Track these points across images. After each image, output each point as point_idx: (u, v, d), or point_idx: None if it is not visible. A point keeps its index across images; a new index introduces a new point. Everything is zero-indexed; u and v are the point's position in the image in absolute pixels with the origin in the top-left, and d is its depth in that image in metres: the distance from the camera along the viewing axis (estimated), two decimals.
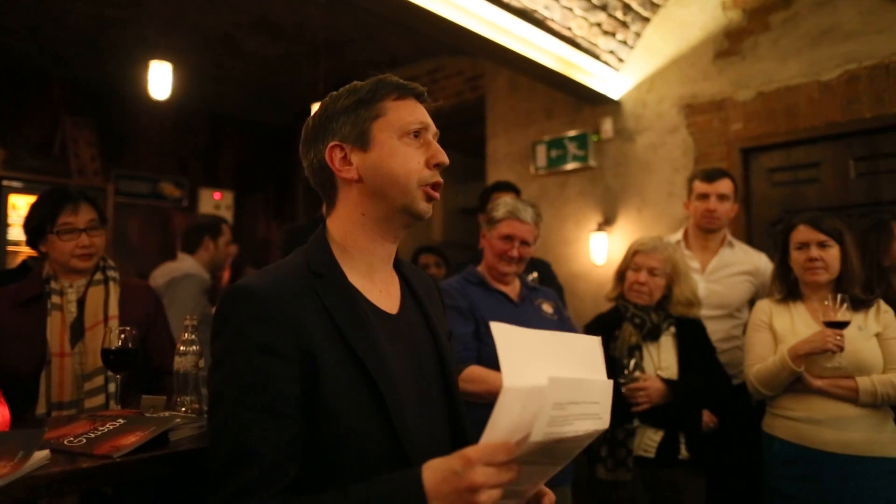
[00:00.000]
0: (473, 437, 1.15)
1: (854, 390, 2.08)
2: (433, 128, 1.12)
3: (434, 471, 0.83)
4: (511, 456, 0.80)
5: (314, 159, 1.11)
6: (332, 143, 1.08)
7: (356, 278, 1.08)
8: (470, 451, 0.80)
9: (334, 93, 1.13)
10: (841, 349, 2.05)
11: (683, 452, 2.27)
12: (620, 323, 2.40)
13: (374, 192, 1.07)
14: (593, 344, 0.98)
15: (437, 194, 1.10)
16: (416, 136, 1.08)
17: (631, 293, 2.42)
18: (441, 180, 1.11)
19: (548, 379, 0.78)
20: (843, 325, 2.05)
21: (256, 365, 0.93)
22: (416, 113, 1.10)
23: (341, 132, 1.08)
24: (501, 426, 0.79)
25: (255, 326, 0.94)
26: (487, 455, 0.79)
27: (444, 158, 1.09)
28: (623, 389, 2.22)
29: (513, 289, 2.29)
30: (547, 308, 2.32)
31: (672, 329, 2.40)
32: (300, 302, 0.98)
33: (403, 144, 1.07)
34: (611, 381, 0.93)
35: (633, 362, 2.26)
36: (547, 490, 1.07)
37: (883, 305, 2.22)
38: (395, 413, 0.98)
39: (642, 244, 2.45)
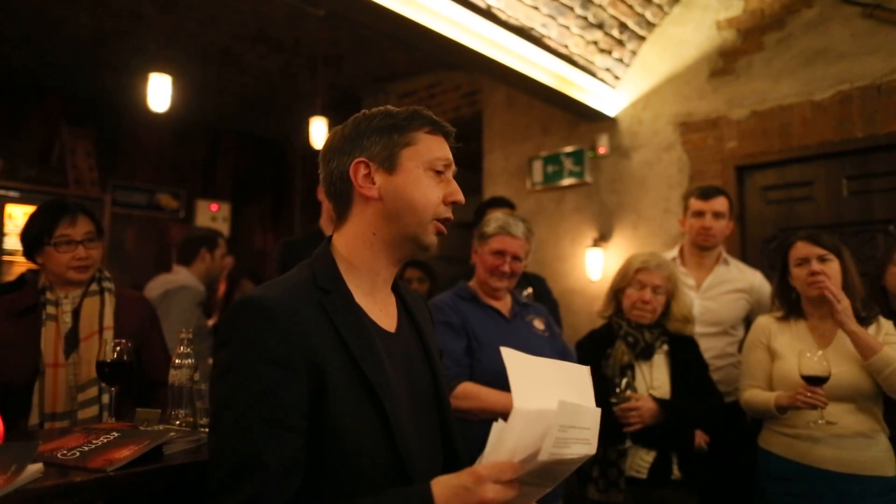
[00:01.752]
0: (464, 454, 1.17)
1: (874, 350, 2.04)
2: (454, 167, 1.16)
3: (444, 486, 0.87)
4: (516, 474, 0.84)
5: (335, 170, 1.13)
6: (358, 159, 1.10)
7: (359, 295, 1.09)
8: (480, 469, 0.84)
9: (367, 111, 1.15)
10: (818, 406, 2.01)
11: (676, 473, 2.24)
12: (613, 340, 2.36)
13: (390, 214, 1.09)
14: (584, 373, 1.04)
15: (444, 230, 1.13)
16: (439, 172, 1.12)
17: (633, 311, 2.36)
18: (451, 217, 1.14)
19: (559, 402, 0.84)
20: (821, 380, 2.01)
21: (266, 376, 0.94)
22: (443, 150, 1.14)
23: (370, 150, 1.10)
24: (508, 445, 0.84)
25: (267, 338, 0.95)
26: (497, 473, 0.84)
27: (461, 198, 1.13)
28: (615, 409, 2.19)
29: (504, 304, 2.29)
30: (538, 324, 2.32)
31: (665, 347, 2.38)
32: (308, 316, 1.00)
33: (427, 176, 1.10)
34: (599, 409, 0.97)
35: (624, 381, 2.23)
36: None
37: (884, 322, 2.20)
38: (397, 430, 1.00)
39: (645, 261, 2.39)
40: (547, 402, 0.85)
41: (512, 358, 0.91)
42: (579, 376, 1.03)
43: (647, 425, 2.20)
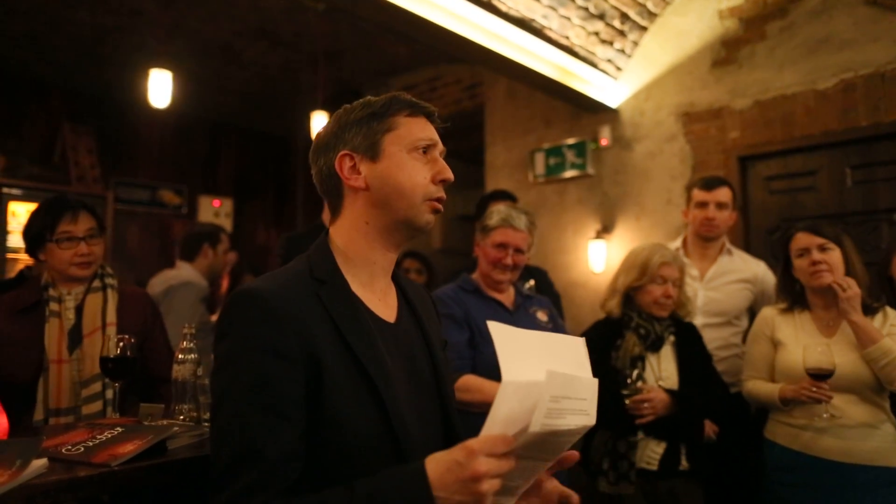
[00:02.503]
0: None
1: (873, 340, 2.05)
2: (441, 146, 1.16)
3: (437, 462, 0.86)
4: (510, 447, 0.84)
5: (323, 167, 1.15)
6: (342, 152, 1.11)
7: (357, 286, 1.10)
8: (472, 443, 0.84)
9: (348, 105, 1.16)
10: (822, 400, 2.03)
11: (684, 463, 2.24)
12: (621, 332, 2.35)
13: (380, 201, 1.10)
14: (579, 344, 1.03)
15: (441, 208, 1.13)
16: (424, 152, 1.12)
17: (655, 307, 2.34)
18: (444, 195, 1.14)
19: (546, 372, 0.83)
20: (826, 375, 2.02)
21: (263, 366, 0.94)
22: (426, 130, 1.14)
23: (352, 142, 1.11)
24: (500, 419, 0.83)
25: (263, 328, 0.96)
26: (489, 446, 0.83)
27: (449, 175, 1.13)
28: (627, 402, 2.18)
29: (507, 297, 2.29)
30: (541, 316, 2.32)
31: (672, 338, 2.38)
32: (305, 306, 1.00)
33: (412, 159, 1.11)
34: (596, 380, 0.96)
35: (635, 373, 2.23)
36: (571, 492, 1.09)
37: (891, 312, 2.18)
38: (395, 418, 1.00)
39: (664, 256, 2.36)
40: (538, 373, 0.84)
41: (500, 331, 0.90)
42: (573, 347, 1.02)
43: (659, 416, 2.20)
